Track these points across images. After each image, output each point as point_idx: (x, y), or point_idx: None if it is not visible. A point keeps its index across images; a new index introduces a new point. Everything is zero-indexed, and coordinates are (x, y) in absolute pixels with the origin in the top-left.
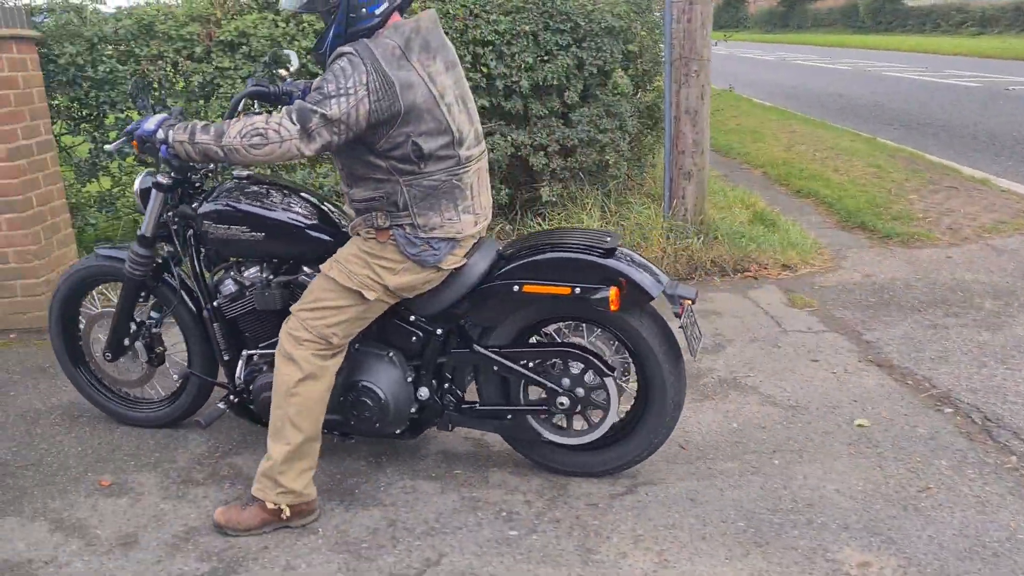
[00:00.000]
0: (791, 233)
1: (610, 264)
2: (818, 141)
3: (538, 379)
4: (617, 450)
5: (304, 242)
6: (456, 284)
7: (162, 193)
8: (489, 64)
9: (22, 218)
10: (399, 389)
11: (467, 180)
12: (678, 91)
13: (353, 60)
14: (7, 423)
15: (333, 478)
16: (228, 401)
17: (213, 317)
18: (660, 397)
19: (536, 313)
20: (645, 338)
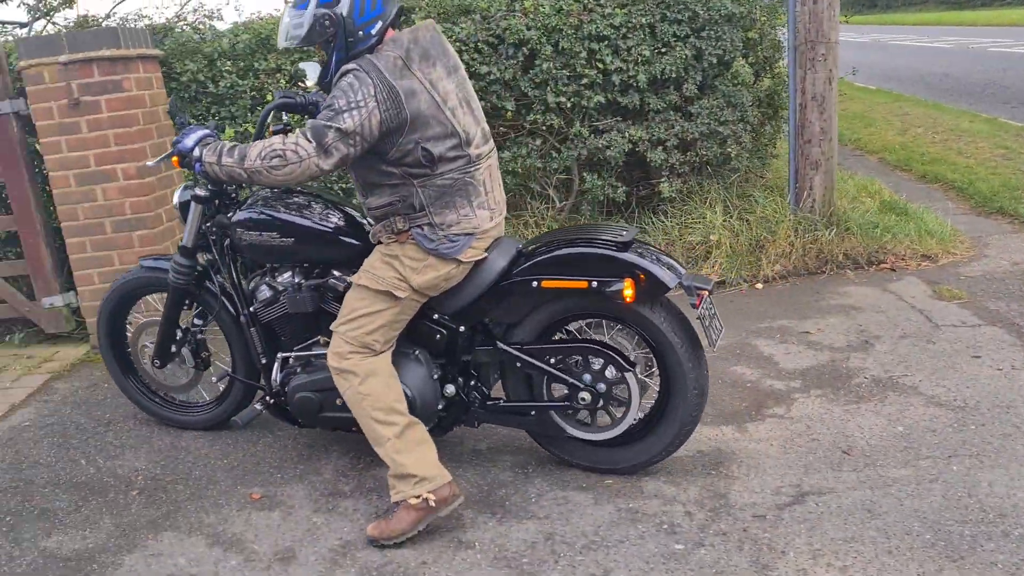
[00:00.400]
0: (927, 221)
1: (626, 257)
2: (934, 123)
3: (559, 375)
4: (641, 446)
5: (332, 246)
6: (476, 281)
7: (200, 205)
8: (605, 59)
9: (153, 234)
10: (426, 386)
11: (479, 177)
12: (803, 77)
13: (359, 75)
14: (152, 436)
15: (480, 489)
16: (264, 402)
17: (250, 322)
18: (681, 391)
19: (557, 310)
20: (663, 331)
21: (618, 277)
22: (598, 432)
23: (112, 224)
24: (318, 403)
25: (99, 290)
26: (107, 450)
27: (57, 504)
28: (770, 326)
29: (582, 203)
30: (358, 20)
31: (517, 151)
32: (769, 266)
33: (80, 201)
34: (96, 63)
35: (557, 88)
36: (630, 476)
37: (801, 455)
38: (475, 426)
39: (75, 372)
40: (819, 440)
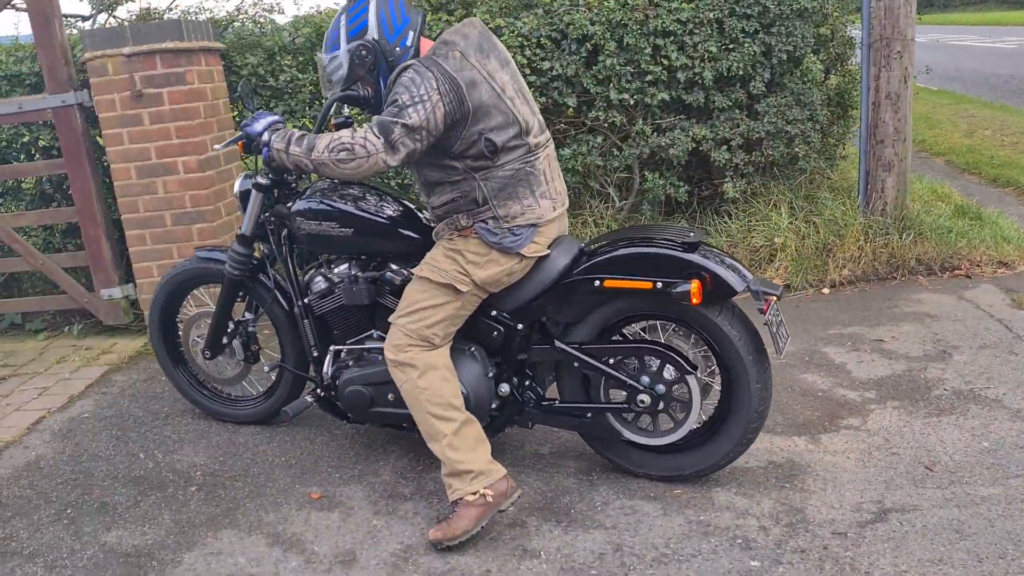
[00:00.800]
0: (1002, 227)
1: (692, 258)
2: (1002, 125)
3: (619, 376)
4: (699, 453)
5: (391, 238)
6: (537, 278)
7: (261, 193)
8: (670, 56)
9: (212, 227)
10: (480, 384)
11: (539, 166)
12: (878, 75)
13: (418, 69)
14: (210, 431)
15: (544, 496)
16: (315, 394)
17: (304, 313)
18: (745, 398)
19: (617, 310)
20: (728, 336)
21: (684, 278)
22: (655, 437)
23: (172, 217)
24: (369, 397)
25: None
26: (165, 444)
27: (116, 498)
28: (840, 333)
29: (643, 202)
30: (391, 38)
31: (578, 148)
32: (837, 271)
33: (141, 193)
34: (159, 55)
35: (620, 85)
36: (699, 486)
37: (881, 470)
38: (528, 427)
39: (133, 364)
40: (899, 454)
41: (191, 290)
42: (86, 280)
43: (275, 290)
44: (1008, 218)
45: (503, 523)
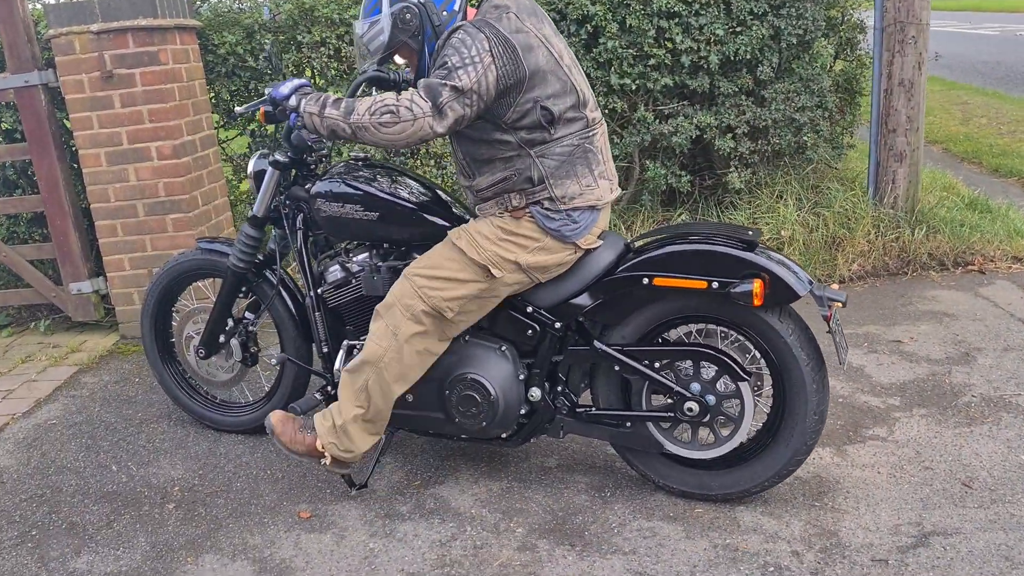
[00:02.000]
0: (1013, 220)
1: (751, 257)
2: (997, 113)
3: (665, 382)
4: (744, 472)
5: (418, 224)
6: (580, 274)
7: (278, 172)
8: (674, 39)
9: (188, 218)
10: (510, 386)
11: (597, 143)
12: (891, 61)
13: (470, 31)
14: (187, 440)
15: (555, 515)
16: (325, 392)
17: (315, 305)
18: (800, 413)
19: (664, 311)
20: (787, 343)
21: (743, 279)
22: (701, 450)
23: (145, 207)
24: None
25: (130, 276)
26: (140, 455)
27: (87, 517)
28: (855, 332)
29: (643, 192)
30: (438, 1)
31: None
32: (846, 265)
33: (112, 181)
34: (131, 33)
35: (621, 69)
36: (722, 506)
37: (915, 487)
38: (559, 436)
39: (104, 365)
40: (933, 469)
41: (191, 282)
42: (53, 273)
43: (279, 286)
44: (1018, 211)
45: (511, 547)
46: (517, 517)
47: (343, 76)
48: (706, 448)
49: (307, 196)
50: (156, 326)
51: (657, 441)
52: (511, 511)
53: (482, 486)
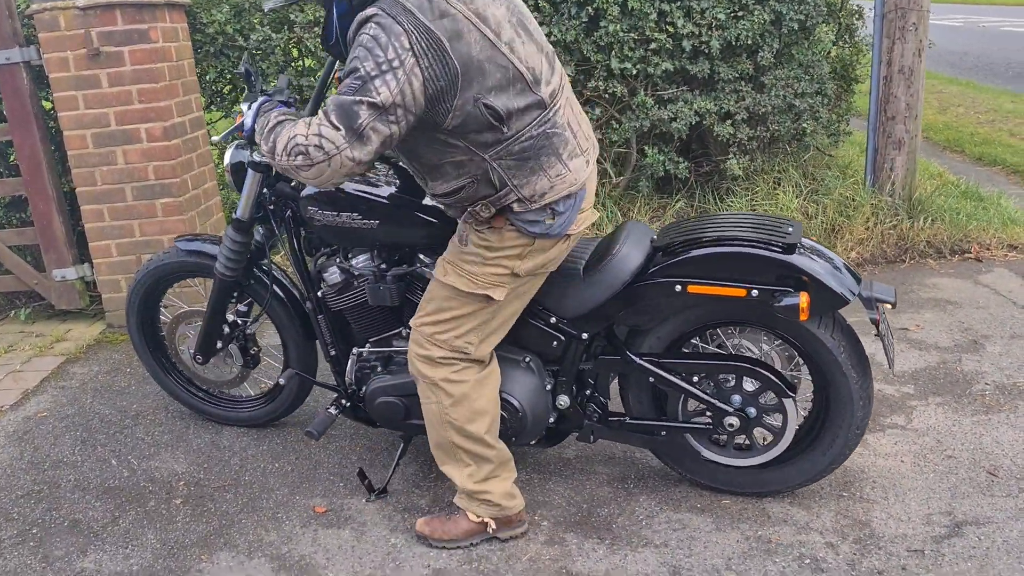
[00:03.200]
0: (1005, 207)
1: (793, 261)
2: (973, 103)
3: (705, 397)
4: (777, 474)
5: (425, 227)
6: (605, 280)
7: (259, 173)
8: (676, 23)
9: (179, 202)
10: (537, 398)
11: (560, 121)
12: (891, 47)
13: (383, 23)
14: (188, 433)
15: (579, 508)
16: (339, 405)
17: (317, 308)
18: (845, 424)
19: (699, 316)
20: (831, 350)
21: (785, 286)
22: (741, 457)
23: (133, 190)
24: (404, 409)
25: (117, 263)
26: (139, 448)
27: (90, 514)
28: (861, 321)
29: (640, 179)
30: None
31: None
32: (845, 253)
33: (98, 164)
34: (119, 9)
35: (622, 53)
36: (749, 497)
37: (941, 475)
38: (591, 441)
39: (92, 354)
40: (956, 457)
41: (172, 284)
42: (34, 259)
43: (274, 285)
44: (1009, 198)
45: (539, 541)
46: (541, 510)
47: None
48: (743, 456)
49: (295, 195)
50: (143, 325)
51: (694, 449)
52: (534, 504)
53: None
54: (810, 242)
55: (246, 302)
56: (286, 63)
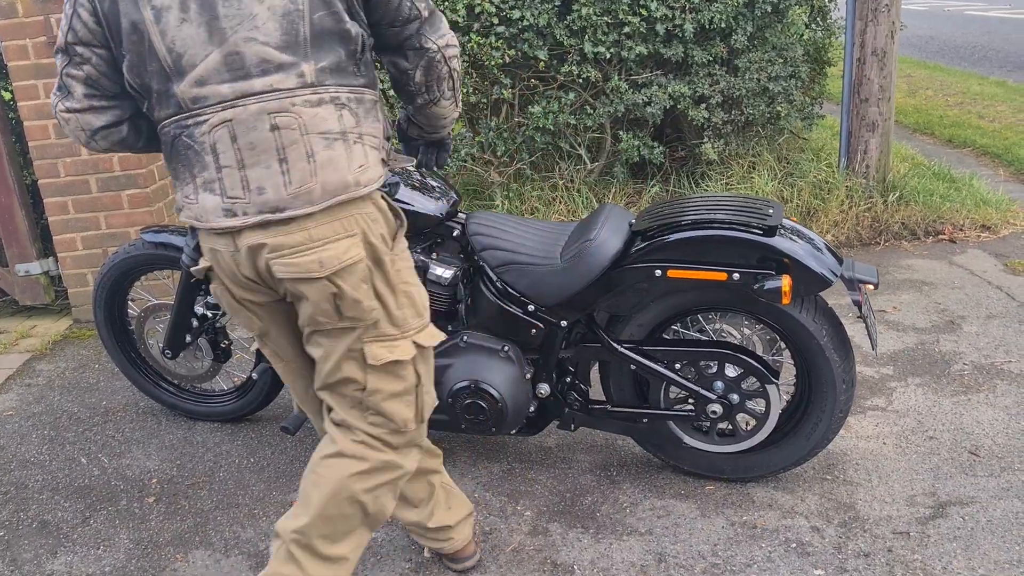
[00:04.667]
0: (977, 188)
1: (773, 243)
2: (942, 86)
3: (687, 384)
4: (760, 458)
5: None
6: (584, 267)
7: None
8: (649, 6)
9: (146, 193)
10: (517, 388)
11: (203, 139)
12: (863, 29)
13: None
14: (160, 429)
15: (563, 497)
16: None
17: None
18: (828, 408)
19: (680, 302)
20: (813, 334)
21: (767, 269)
22: (723, 444)
23: (98, 182)
24: None
25: (83, 257)
26: (110, 446)
27: (60, 515)
28: (838, 303)
29: (615, 164)
30: None
31: (548, 106)
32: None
33: (61, 155)
34: None
35: (596, 37)
36: (733, 482)
37: (923, 456)
38: (571, 429)
39: (59, 350)
40: (937, 438)
41: (139, 277)
42: None
43: None
44: (980, 179)
45: (522, 531)
46: (524, 500)
47: None
48: (726, 443)
49: None
50: (111, 320)
51: (676, 436)
52: (516, 494)
53: (481, 468)
54: (791, 223)
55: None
56: None
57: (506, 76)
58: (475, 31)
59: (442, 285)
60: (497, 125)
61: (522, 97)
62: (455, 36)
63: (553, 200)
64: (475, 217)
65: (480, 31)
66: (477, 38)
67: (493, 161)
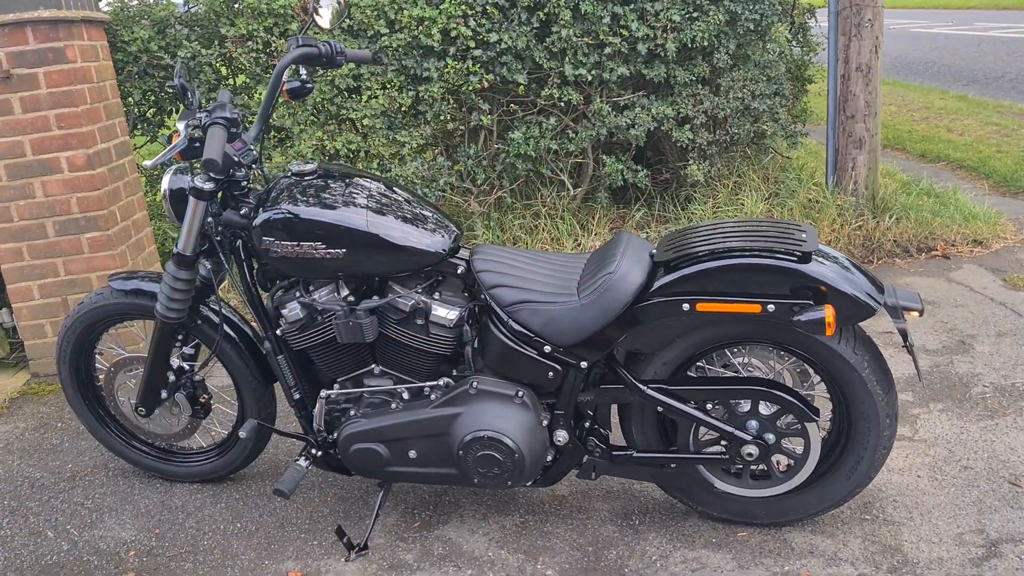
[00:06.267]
0: (963, 203)
1: (807, 271)
2: (904, 101)
3: (721, 425)
4: (797, 500)
5: (399, 253)
6: (605, 302)
7: (203, 201)
8: (630, 26)
9: (108, 236)
10: (534, 437)
11: None
12: (847, 45)
13: None
14: (133, 493)
15: (585, 552)
16: (309, 455)
17: (277, 348)
18: (871, 444)
19: (706, 338)
20: (854, 366)
21: (803, 299)
22: (756, 488)
23: (55, 225)
24: (384, 455)
25: (40, 306)
26: (79, 515)
27: None
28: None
29: (598, 189)
30: None
31: (529, 132)
32: None
33: (14, 198)
34: (31, 27)
35: (576, 59)
36: (766, 527)
37: (962, 489)
38: (592, 478)
39: (16, 409)
40: (972, 468)
41: (108, 328)
42: None
43: (225, 325)
44: (963, 193)
45: None
46: (543, 557)
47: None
48: (761, 486)
49: (246, 224)
50: (77, 375)
51: (706, 480)
52: (534, 550)
53: (492, 523)
54: (828, 249)
55: (192, 344)
56: (217, 81)
57: (484, 102)
58: (451, 56)
59: (447, 328)
60: (476, 153)
61: (500, 123)
62: None
63: (535, 228)
64: (480, 252)
65: (456, 55)
66: (453, 63)
67: (472, 190)
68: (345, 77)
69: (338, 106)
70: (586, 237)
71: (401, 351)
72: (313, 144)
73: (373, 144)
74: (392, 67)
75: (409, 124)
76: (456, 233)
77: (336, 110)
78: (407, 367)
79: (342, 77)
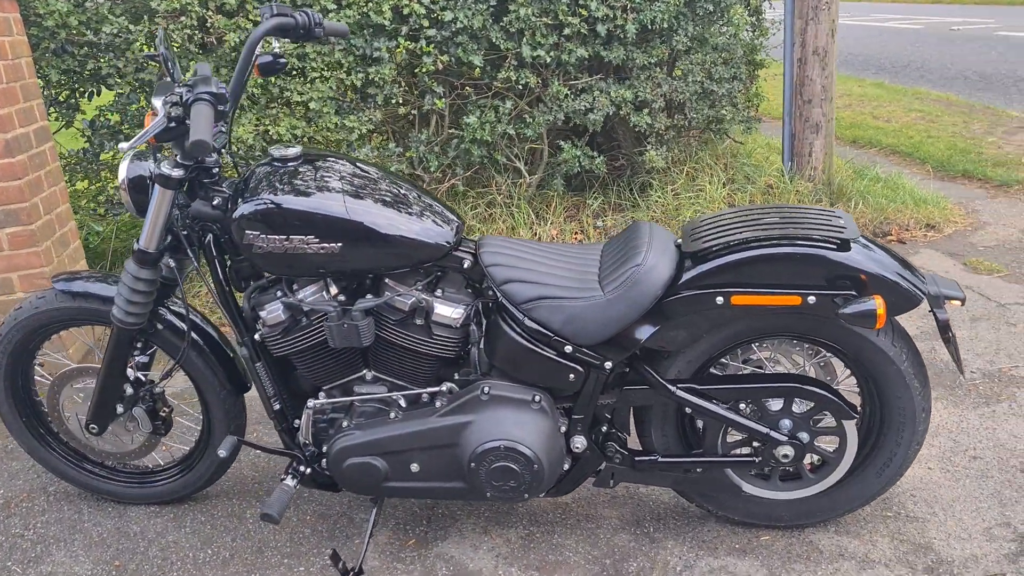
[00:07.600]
0: (910, 188)
1: (848, 260)
2: None
3: (755, 427)
4: (823, 500)
5: (399, 247)
6: (632, 296)
7: (170, 189)
8: (589, 6)
9: (30, 231)
10: (552, 445)
11: None
12: (804, 28)
13: None
14: (82, 519)
15: (602, 566)
16: (296, 473)
17: (255, 354)
18: (905, 440)
19: (736, 332)
20: (893, 359)
21: (843, 288)
22: (788, 490)
23: None
24: (382, 470)
25: None
26: (20, 549)
27: None
28: None
29: (554, 176)
30: None
31: (484, 116)
32: None
33: None
34: None
35: (534, 40)
36: (789, 529)
37: (976, 480)
38: (610, 486)
39: None
40: (982, 458)
41: (51, 335)
42: None
43: (192, 331)
44: (907, 178)
45: None
46: (558, 573)
47: (208, 49)
48: (792, 487)
49: (220, 216)
50: (13, 390)
51: (734, 484)
52: (547, 565)
53: (496, 537)
54: (866, 238)
55: (149, 352)
56: (148, 59)
57: (438, 84)
58: (403, 35)
59: (452, 328)
60: (428, 138)
61: (454, 107)
62: None
63: (490, 217)
64: (488, 244)
65: (409, 35)
66: (405, 43)
67: (424, 178)
68: (289, 56)
69: (280, 88)
70: (541, 226)
71: (399, 355)
72: (252, 130)
73: (319, 129)
74: (339, 46)
75: (358, 108)
76: (458, 224)
77: (279, 92)
78: (404, 372)
79: (287, 56)
